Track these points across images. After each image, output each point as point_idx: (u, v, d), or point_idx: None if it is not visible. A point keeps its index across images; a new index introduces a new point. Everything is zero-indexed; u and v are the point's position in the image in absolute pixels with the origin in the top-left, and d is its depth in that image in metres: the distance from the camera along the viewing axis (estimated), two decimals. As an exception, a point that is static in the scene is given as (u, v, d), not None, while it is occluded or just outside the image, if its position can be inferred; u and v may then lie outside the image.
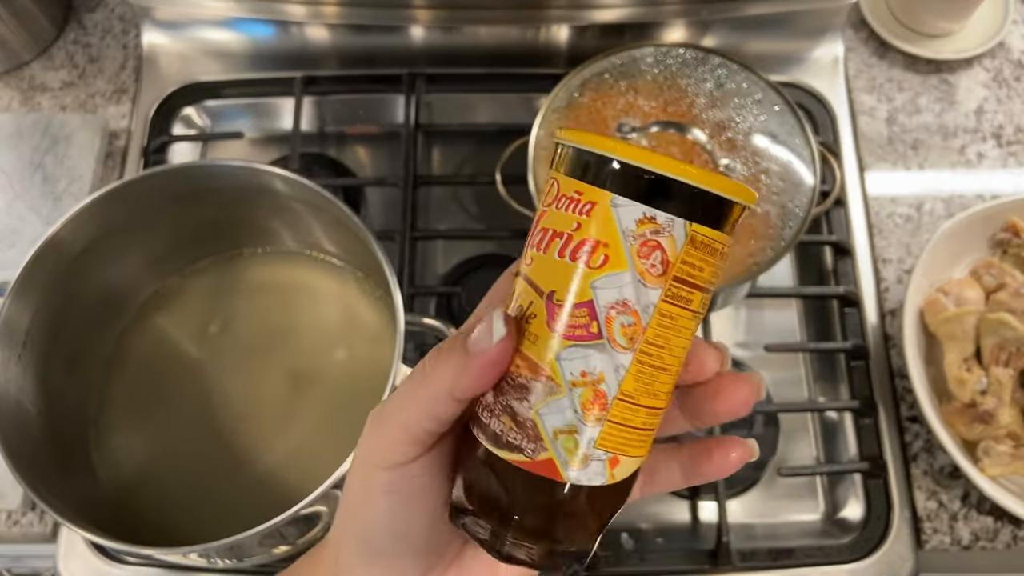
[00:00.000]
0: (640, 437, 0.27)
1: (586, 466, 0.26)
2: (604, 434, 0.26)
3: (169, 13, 0.79)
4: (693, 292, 0.26)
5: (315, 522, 0.55)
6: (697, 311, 0.26)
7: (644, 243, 0.25)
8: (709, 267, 0.26)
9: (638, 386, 0.26)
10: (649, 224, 0.25)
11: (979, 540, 0.64)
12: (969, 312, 0.64)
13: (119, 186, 0.58)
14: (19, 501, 0.64)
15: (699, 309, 0.26)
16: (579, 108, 0.64)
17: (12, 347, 0.55)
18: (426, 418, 0.26)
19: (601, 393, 0.26)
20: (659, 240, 0.25)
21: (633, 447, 0.27)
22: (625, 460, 0.27)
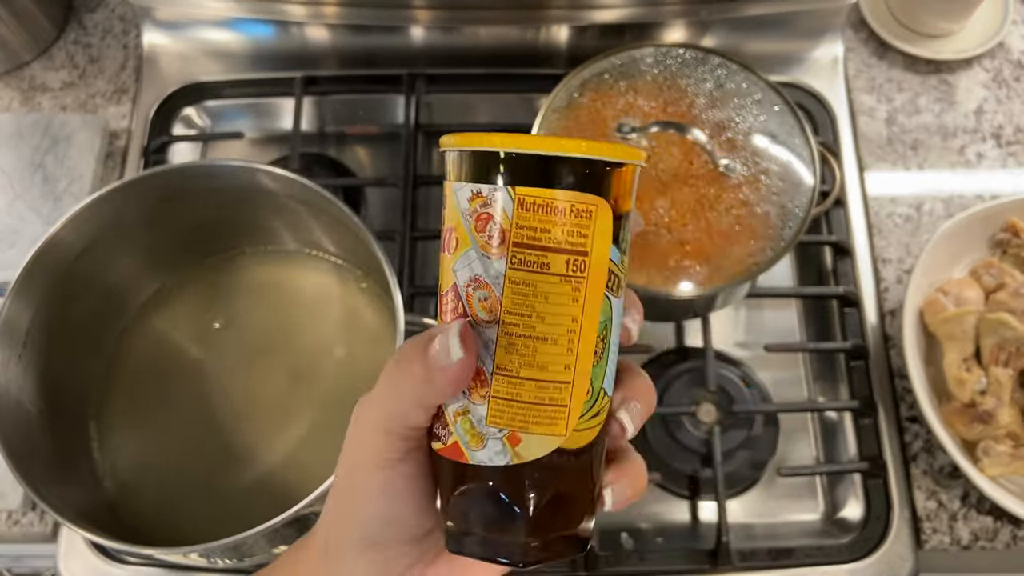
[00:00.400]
0: (541, 413, 0.26)
1: (482, 446, 0.27)
2: (492, 411, 0.26)
3: (169, 13, 0.79)
4: (544, 255, 0.25)
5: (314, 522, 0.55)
6: (565, 274, 0.25)
7: (478, 218, 0.26)
8: (560, 227, 0.25)
9: (512, 358, 0.26)
10: (478, 199, 0.26)
11: (979, 540, 0.64)
12: (969, 312, 0.64)
13: (119, 186, 0.58)
14: (19, 501, 0.64)
15: (567, 272, 0.25)
16: (579, 108, 0.64)
17: (12, 347, 0.55)
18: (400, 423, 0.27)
19: (479, 371, 0.26)
20: (489, 212, 0.25)
21: (534, 423, 0.26)
22: (528, 438, 0.26)
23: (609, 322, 0.27)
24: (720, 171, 0.61)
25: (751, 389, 0.69)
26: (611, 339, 0.27)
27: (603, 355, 0.27)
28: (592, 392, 0.27)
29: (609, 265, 0.26)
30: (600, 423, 0.28)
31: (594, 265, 0.26)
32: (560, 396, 0.26)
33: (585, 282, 0.26)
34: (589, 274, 0.26)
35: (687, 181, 0.60)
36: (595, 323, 0.26)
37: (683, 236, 0.59)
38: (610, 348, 0.27)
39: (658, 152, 0.62)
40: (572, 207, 0.25)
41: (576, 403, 0.26)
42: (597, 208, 0.25)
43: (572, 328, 0.26)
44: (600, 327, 0.26)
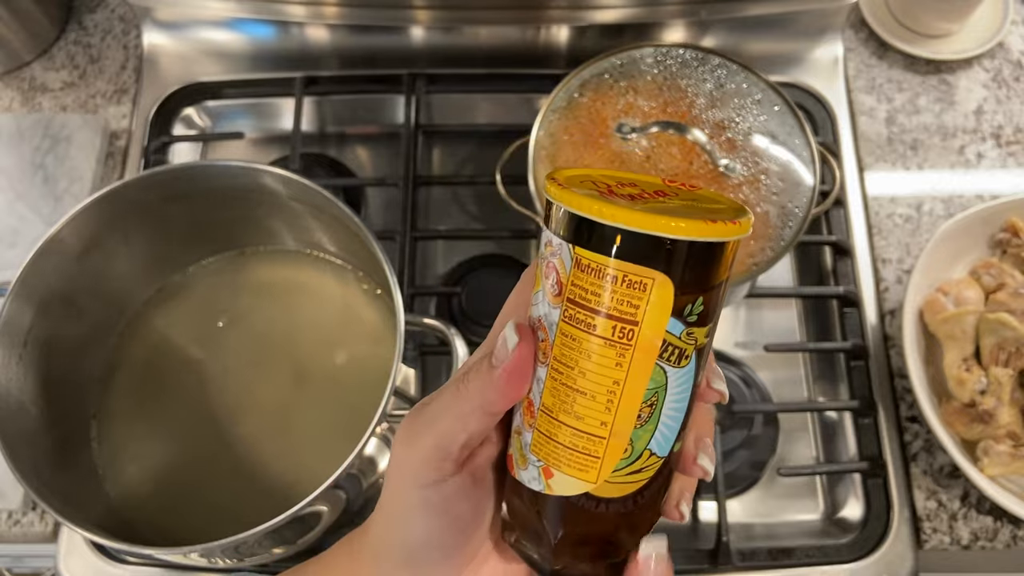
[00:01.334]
0: (573, 457, 0.27)
1: (526, 467, 0.28)
2: (534, 440, 0.28)
3: (170, 14, 0.79)
4: (593, 316, 0.26)
5: (315, 522, 0.55)
6: (611, 339, 0.26)
7: (548, 265, 0.27)
8: (610, 294, 0.25)
9: (555, 401, 0.27)
10: (548, 247, 0.27)
11: (978, 540, 0.64)
12: (968, 312, 0.64)
13: (120, 186, 0.58)
14: (20, 501, 0.64)
15: (613, 337, 0.26)
16: (579, 108, 0.64)
17: (13, 347, 0.55)
18: (458, 431, 0.28)
19: (531, 401, 0.28)
20: (554, 262, 0.27)
21: (565, 464, 0.27)
22: (559, 476, 0.28)
23: (662, 390, 0.27)
24: (720, 171, 0.61)
25: (751, 389, 0.69)
26: (664, 405, 0.27)
27: (650, 420, 0.27)
28: (632, 451, 0.27)
29: (665, 336, 0.26)
30: (644, 479, 0.28)
31: (643, 335, 0.26)
32: (593, 448, 0.27)
33: (632, 350, 0.26)
34: (637, 343, 0.26)
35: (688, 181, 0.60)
36: (640, 389, 0.26)
37: (683, 236, 0.59)
38: (662, 413, 0.27)
39: (658, 152, 0.62)
40: (624, 277, 0.25)
41: (610, 458, 0.27)
42: (653, 281, 0.25)
43: (613, 390, 0.26)
44: (647, 393, 0.27)
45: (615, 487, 0.28)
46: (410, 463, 0.29)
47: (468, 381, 0.28)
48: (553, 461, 0.28)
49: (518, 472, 0.29)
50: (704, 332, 0.27)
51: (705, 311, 0.26)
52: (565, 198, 0.26)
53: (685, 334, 0.26)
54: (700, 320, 0.26)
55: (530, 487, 0.28)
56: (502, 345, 0.27)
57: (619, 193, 0.27)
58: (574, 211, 0.26)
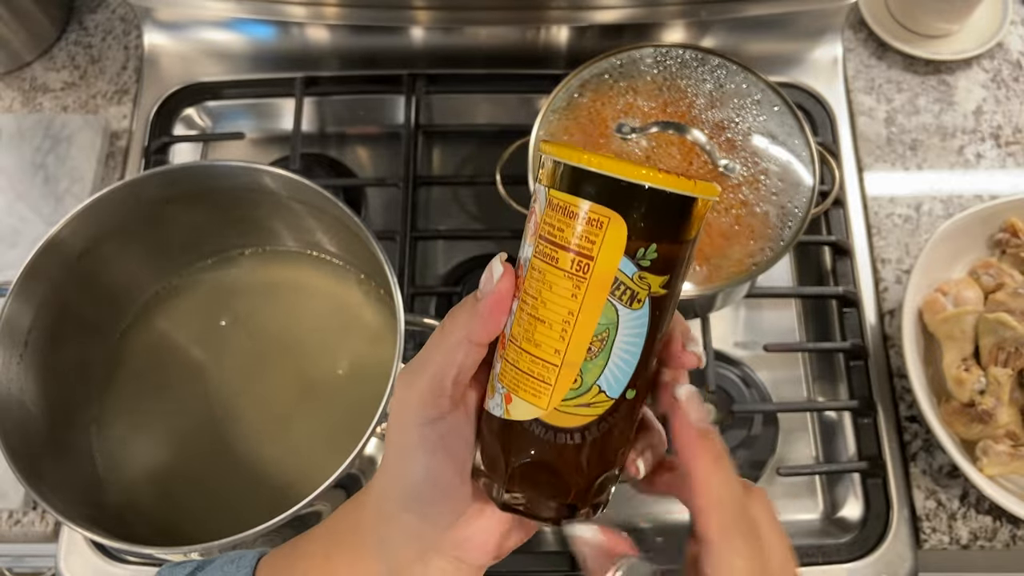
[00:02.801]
0: (528, 383, 0.30)
1: (493, 395, 0.31)
2: (501, 369, 0.31)
3: (170, 14, 0.79)
4: (556, 250, 0.29)
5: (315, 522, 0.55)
6: (569, 271, 0.28)
7: (531, 211, 0.30)
8: (571, 230, 0.28)
9: (519, 331, 0.30)
10: (533, 198, 0.30)
11: (978, 539, 0.64)
12: (968, 312, 0.64)
13: (120, 186, 0.58)
14: (20, 501, 0.65)
15: (571, 269, 0.28)
16: (579, 109, 0.64)
17: (14, 347, 0.55)
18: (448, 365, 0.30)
19: (503, 334, 0.31)
20: (535, 207, 0.30)
21: (522, 389, 0.30)
22: (516, 401, 0.30)
23: (613, 327, 0.29)
24: (719, 171, 0.61)
25: (750, 389, 0.69)
26: (614, 343, 0.29)
27: (600, 354, 0.29)
28: (581, 384, 0.29)
29: (617, 275, 0.28)
30: (594, 415, 0.30)
31: (597, 269, 0.28)
32: (546, 375, 0.30)
33: (586, 282, 0.28)
34: (591, 276, 0.28)
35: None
36: (592, 322, 0.29)
37: (683, 236, 0.59)
38: (612, 351, 0.29)
39: (658, 152, 0.62)
40: (584, 214, 0.28)
41: (561, 386, 0.30)
42: (609, 220, 0.28)
43: (567, 319, 0.29)
44: (599, 328, 0.29)
45: (564, 416, 0.30)
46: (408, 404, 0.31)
47: (454, 315, 0.30)
48: (513, 387, 0.30)
49: (487, 403, 0.32)
50: (660, 281, 0.29)
51: (660, 259, 0.28)
52: (548, 148, 0.29)
53: (637, 276, 0.28)
54: (654, 267, 0.28)
55: (493, 413, 0.31)
56: (487, 278, 0.30)
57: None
58: (551, 156, 0.29)
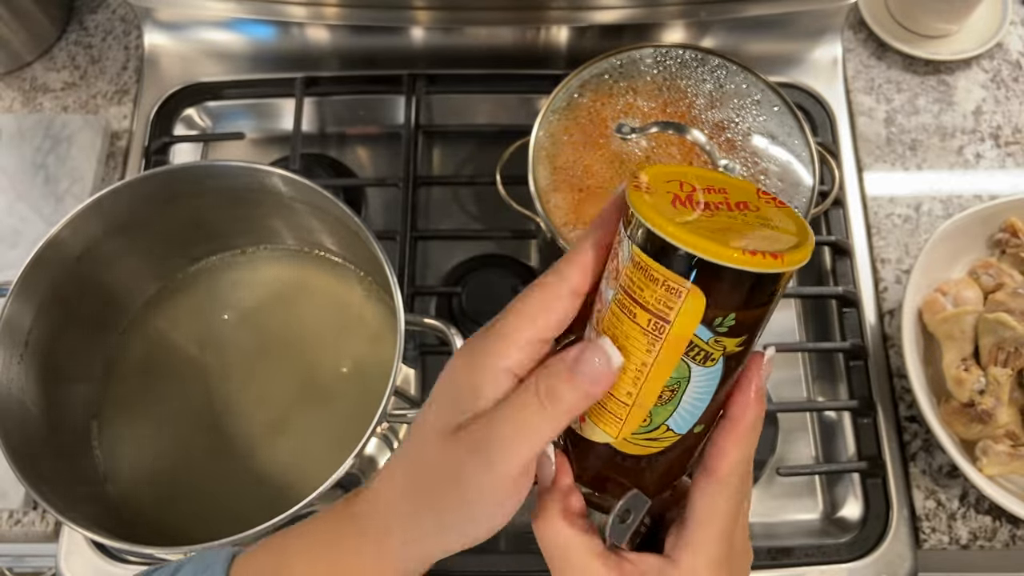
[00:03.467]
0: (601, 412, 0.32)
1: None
2: None
3: (170, 14, 0.79)
4: (636, 307, 0.29)
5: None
6: (646, 328, 0.29)
7: (615, 248, 0.31)
8: (651, 292, 0.28)
9: None
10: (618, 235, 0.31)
11: (977, 539, 0.64)
12: (967, 312, 0.64)
13: (121, 186, 0.58)
14: (21, 500, 0.65)
15: (647, 327, 0.29)
16: (579, 109, 0.64)
17: (14, 347, 0.55)
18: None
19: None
20: (618, 251, 0.30)
21: (595, 417, 0.32)
22: (589, 423, 0.32)
23: (684, 380, 0.30)
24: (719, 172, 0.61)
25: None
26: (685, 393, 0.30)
27: (670, 402, 0.31)
28: (650, 423, 0.31)
29: (692, 339, 0.29)
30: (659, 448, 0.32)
31: (673, 334, 0.29)
32: (618, 411, 0.31)
33: (660, 343, 0.29)
34: (666, 339, 0.29)
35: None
36: (664, 375, 0.30)
37: (682, 236, 0.59)
38: (682, 399, 0.30)
39: (657, 153, 0.62)
40: (664, 281, 0.28)
41: (631, 422, 0.31)
42: (687, 291, 0.28)
43: (641, 369, 0.30)
44: (670, 380, 0.30)
45: (631, 446, 0.32)
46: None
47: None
48: (588, 410, 0.32)
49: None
50: (736, 342, 0.29)
51: (738, 325, 0.29)
52: (633, 200, 0.29)
53: (713, 340, 0.29)
54: (731, 332, 0.29)
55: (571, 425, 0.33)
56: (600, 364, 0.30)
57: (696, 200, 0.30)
58: (633, 211, 0.29)
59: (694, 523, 0.32)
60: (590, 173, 0.61)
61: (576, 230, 0.60)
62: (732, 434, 0.32)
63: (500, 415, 0.30)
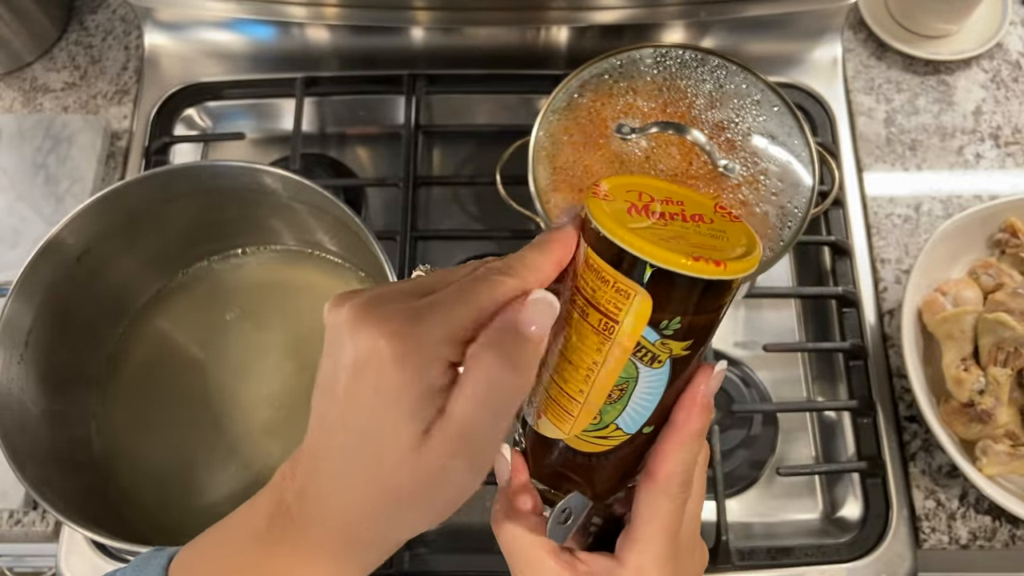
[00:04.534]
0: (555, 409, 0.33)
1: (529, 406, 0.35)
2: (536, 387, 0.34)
3: (170, 14, 0.79)
4: (588, 307, 0.30)
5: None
6: (597, 328, 0.30)
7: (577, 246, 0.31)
8: (602, 293, 0.30)
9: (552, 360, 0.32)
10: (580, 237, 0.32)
11: (977, 539, 0.64)
12: (967, 312, 0.64)
13: (121, 187, 0.58)
14: (21, 500, 0.65)
15: (598, 327, 0.30)
16: (579, 109, 0.64)
17: (14, 347, 0.55)
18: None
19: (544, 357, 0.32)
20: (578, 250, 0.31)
21: (549, 413, 0.33)
22: (544, 420, 0.34)
23: (632, 380, 0.31)
24: (719, 171, 0.61)
25: (750, 389, 0.69)
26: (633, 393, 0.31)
27: (619, 401, 0.31)
28: (600, 421, 0.32)
29: (640, 340, 0.30)
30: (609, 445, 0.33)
31: (621, 334, 0.30)
32: (570, 407, 0.32)
33: (610, 343, 0.30)
34: (615, 338, 0.30)
35: (686, 182, 0.61)
36: (613, 375, 0.31)
37: (682, 236, 0.59)
38: (631, 399, 0.31)
39: (657, 153, 0.62)
40: (614, 282, 0.29)
41: (581, 419, 0.32)
42: (635, 294, 0.29)
43: (591, 368, 0.31)
44: (619, 380, 0.31)
45: (582, 443, 0.33)
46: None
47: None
48: (543, 406, 0.33)
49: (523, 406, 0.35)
50: (682, 345, 0.30)
51: (683, 329, 0.30)
52: (590, 206, 0.30)
53: (660, 343, 0.30)
54: (677, 335, 0.30)
55: (527, 420, 0.35)
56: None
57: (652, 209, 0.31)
58: (589, 216, 0.30)
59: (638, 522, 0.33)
60: (590, 173, 0.61)
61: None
62: (673, 439, 0.33)
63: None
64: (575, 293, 0.31)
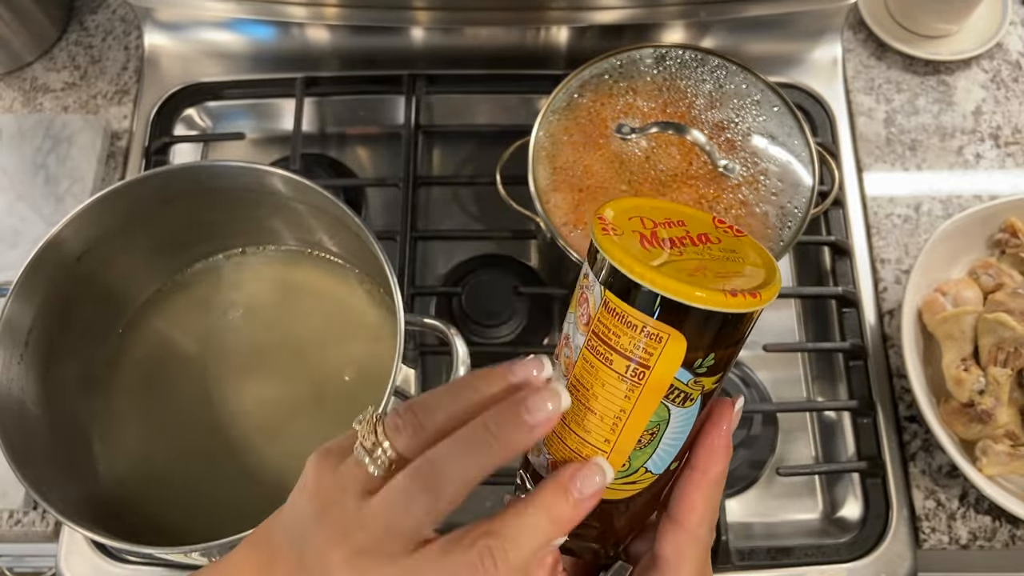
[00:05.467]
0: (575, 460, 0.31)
1: (538, 456, 0.32)
2: (548, 438, 0.31)
3: (170, 14, 0.79)
4: (612, 353, 0.29)
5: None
6: (624, 375, 0.29)
7: (581, 294, 0.30)
8: (628, 339, 0.28)
9: (569, 412, 0.30)
10: (585, 279, 0.30)
11: (977, 539, 0.64)
12: (967, 312, 0.64)
13: (121, 187, 0.58)
14: (21, 500, 0.65)
15: (626, 374, 0.28)
16: (579, 109, 0.64)
17: (14, 347, 0.55)
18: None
19: None
20: (587, 294, 0.29)
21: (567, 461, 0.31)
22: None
23: (664, 423, 0.30)
24: (719, 171, 0.61)
25: (750, 389, 0.69)
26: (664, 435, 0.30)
27: (650, 445, 0.30)
28: (629, 467, 0.31)
29: (673, 383, 0.29)
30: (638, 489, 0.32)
31: (653, 379, 0.28)
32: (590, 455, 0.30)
33: (640, 388, 0.29)
34: (646, 384, 0.29)
35: (686, 182, 0.61)
36: (644, 421, 0.29)
37: (682, 236, 0.59)
38: (661, 441, 0.30)
39: (657, 153, 0.62)
40: (643, 327, 0.28)
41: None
42: (669, 336, 0.28)
43: (619, 416, 0.29)
44: (650, 425, 0.30)
45: (610, 492, 0.31)
46: None
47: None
48: (560, 457, 0.31)
49: (532, 455, 0.33)
50: (712, 380, 0.29)
51: (716, 365, 0.29)
52: (604, 245, 0.28)
53: (692, 382, 0.29)
54: (710, 372, 0.29)
55: (539, 472, 0.32)
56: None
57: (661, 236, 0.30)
58: (606, 258, 0.28)
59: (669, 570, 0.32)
60: (590, 173, 0.61)
61: (576, 230, 0.60)
62: (700, 486, 0.32)
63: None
64: (593, 339, 0.29)
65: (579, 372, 0.30)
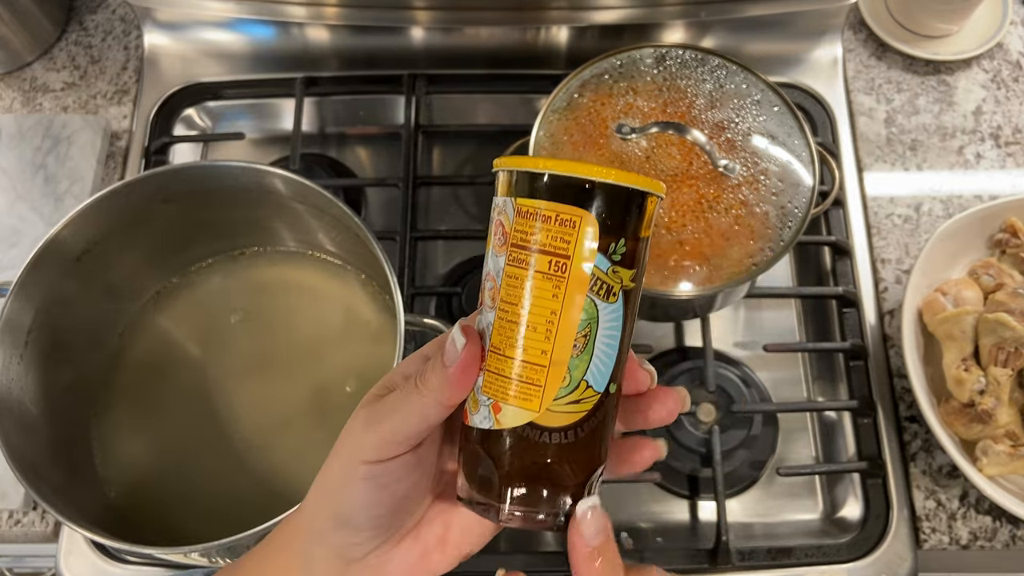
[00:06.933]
0: (518, 388, 0.31)
1: (477, 410, 0.32)
2: (485, 381, 0.31)
3: (170, 14, 0.79)
4: (532, 254, 0.30)
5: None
6: (548, 272, 0.30)
7: (496, 224, 0.32)
8: (546, 232, 0.30)
9: (502, 339, 0.31)
10: (495, 211, 0.32)
11: (977, 539, 0.64)
12: (967, 312, 0.64)
13: (120, 187, 0.58)
14: (21, 501, 0.65)
15: (549, 271, 0.30)
16: (579, 109, 0.64)
17: (14, 347, 0.55)
18: (418, 421, 0.31)
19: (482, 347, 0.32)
20: (500, 219, 0.31)
21: (512, 396, 0.31)
22: (506, 408, 0.31)
23: (594, 322, 0.30)
24: (719, 171, 0.61)
25: (750, 389, 0.69)
26: (597, 337, 0.31)
27: (585, 350, 0.30)
28: (570, 380, 0.31)
29: (594, 270, 0.30)
30: (584, 411, 0.31)
31: (575, 267, 0.30)
32: (536, 377, 0.30)
33: (565, 281, 0.30)
34: (570, 275, 0.30)
35: (686, 181, 0.61)
36: (575, 318, 0.30)
37: (682, 236, 0.59)
38: (595, 345, 0.31)
39: (657, 153, 0.62)
40: (557, 216, 0.30)
41: (551, 386, 0.30)
42: (581, 219, 0.30)
43: (551, 319, 0.30)
44: (582, 324, 0.30)
45: (557, 416, 0.31)
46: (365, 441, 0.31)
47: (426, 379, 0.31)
48: (501, 395, 0.31)
49: (471, 419, 0.32)
50: (629, 275, 0.31)
51: (628, 253, 0.30)
52: (507, 162, 0.31)
53: (611, 271, 0.30)
54: (624, 261, 0.30)
55: (481, 427, 0.31)
56: (451, 345, 0.31)
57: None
58: (514, 168, 0.31)
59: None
60: (590, 173, 0.61)
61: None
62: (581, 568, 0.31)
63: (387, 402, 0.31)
64: (513, 250, 0.30)
65: (505, 293, 0.31)
